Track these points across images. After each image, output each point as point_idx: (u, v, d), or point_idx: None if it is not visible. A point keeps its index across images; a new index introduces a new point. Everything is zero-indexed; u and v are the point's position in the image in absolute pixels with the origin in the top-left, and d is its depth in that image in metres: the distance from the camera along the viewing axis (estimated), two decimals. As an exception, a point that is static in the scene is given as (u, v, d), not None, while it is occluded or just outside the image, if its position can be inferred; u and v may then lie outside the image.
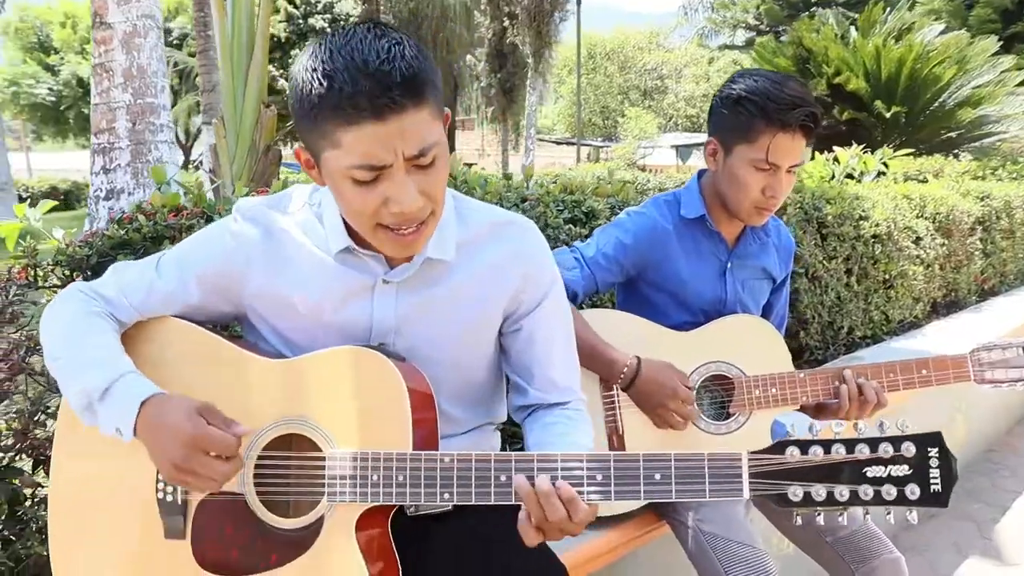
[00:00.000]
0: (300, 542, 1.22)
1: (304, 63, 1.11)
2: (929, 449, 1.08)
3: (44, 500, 1.56)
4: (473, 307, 1.36)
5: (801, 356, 3.55)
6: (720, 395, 1.91)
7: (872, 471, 1.08)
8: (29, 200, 2.27)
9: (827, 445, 1.10)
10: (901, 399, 3.01)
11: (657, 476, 1.14)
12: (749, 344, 1.90)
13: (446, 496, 1.18)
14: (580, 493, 1.16)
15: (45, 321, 1.32)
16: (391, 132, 1.09)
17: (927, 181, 6.08)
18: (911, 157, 7.52)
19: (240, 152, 4.07)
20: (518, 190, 2.68)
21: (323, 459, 1.22)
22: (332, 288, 1.31)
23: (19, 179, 19.73)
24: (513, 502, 1.18)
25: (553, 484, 1.16)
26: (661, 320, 1.93)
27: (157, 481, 1.27)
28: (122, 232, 1.81)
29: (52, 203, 2.14)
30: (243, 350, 1.31)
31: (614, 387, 1.84)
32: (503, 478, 1.17)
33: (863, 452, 1.09)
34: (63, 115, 30.70)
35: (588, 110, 42.61)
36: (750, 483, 1.11)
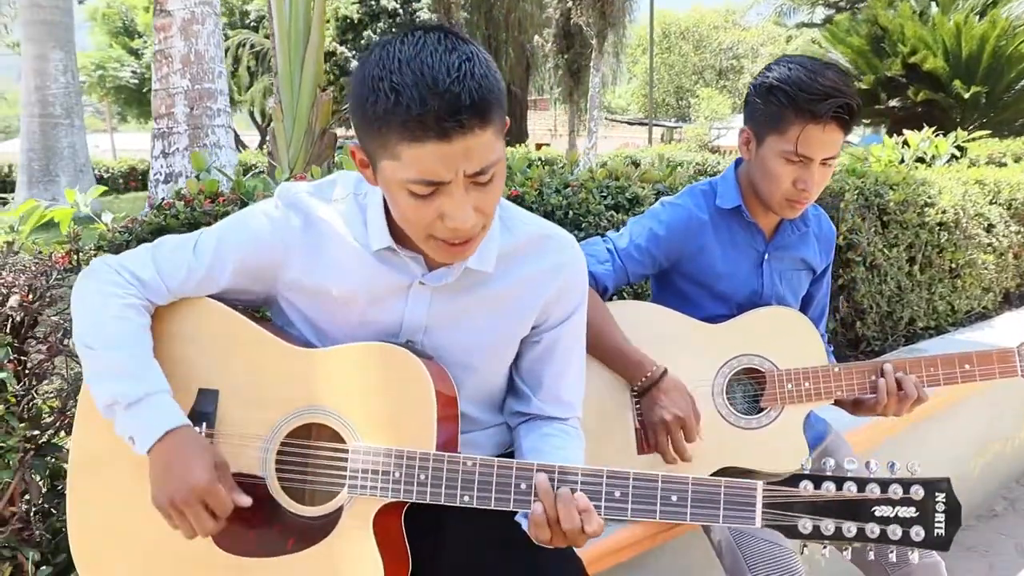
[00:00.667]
0: (318, 530, 1.24)
1: (370, 70, 1.10)
2: (937, 494, 1.11)
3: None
4: (506, 318, 1.37)
5: (857, 347, 3.45)
6: (753, 388, 1.86)
7: (880, 510, 1.11)
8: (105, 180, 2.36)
9: (839, 482, 1.12)
10: (949, 401, 2.90)
11: (674, 498, 1.15)
12: (782, 337, 1.84)
13: (466, 499, 1.20)
14: (596, 507, 1.17)
15: (77, 299, 1.32)
16: (455, 152, 1.08)
17: (1005, 165, 5.78)
18: (990, 140, 7.17)
19: (297, 135, 4.15)
20: (561, 175, 2.66)
21: (346, 451, 1.23)
22: (368, 283, 1.32)
23: (103, 160, 20.54)
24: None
25: (572, 493, 1.16)
26: (695, 312, 1.89)
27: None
28: (160, 218, 1.87)
29: (101, 188, 2.21)
30: (272, 335, 1.33)
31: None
32: (523, 486, 1.19)
33: (873, 491, 1.11)
34: (145, 97, 31.82)
35: (661, 90, 41.93)
36: (763, 513, 1.13)
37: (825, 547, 1.13)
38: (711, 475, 1.78)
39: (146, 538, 1.29)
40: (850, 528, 1.10)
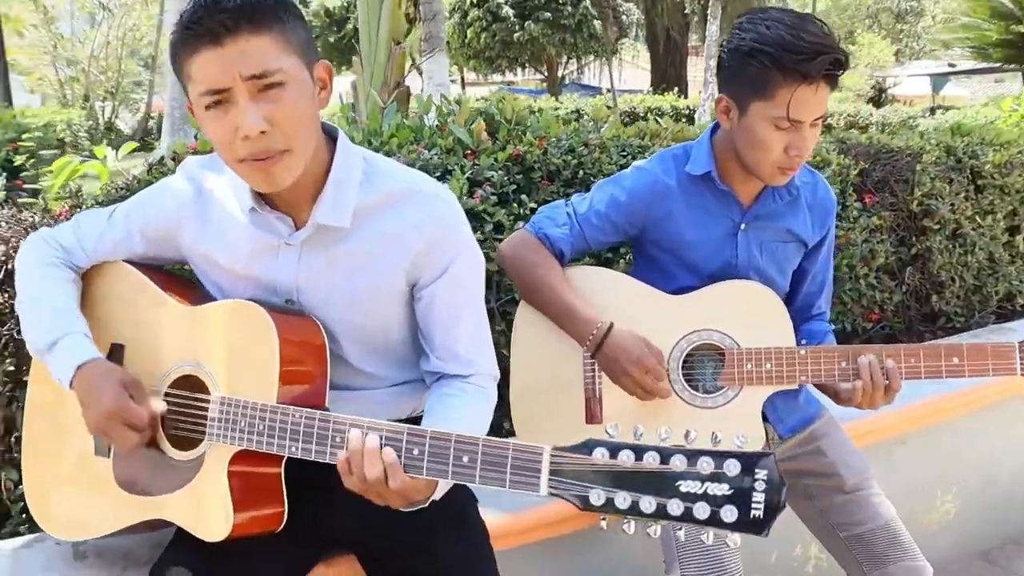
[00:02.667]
0: (188, 473, 1.31)
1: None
2: (757, 471, 0.97)
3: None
4: (370, 272, 1.37)
5: (935, 322, 3.14)
6: (716, 366, 1.76)
7: (686, 485, 0.98)
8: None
9: (639, 451, 1.01)
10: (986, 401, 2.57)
11: (465, 459, 1.11)
12: (747, 313, 1.72)
13: (294, 449, 1.22)
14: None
15: (17, 266, 1.48)
16: (228, 54, 1.16)
17: None
18: None
19: (374, 87, 4.24)
20: (587, 131, 2.56)
21: (207, 401, 1.30)
22: (246, 246, 1.38)
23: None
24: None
25: (379, 448, 1.15)
26: (666, 283, 1.80)
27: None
28: (154, 177, 1.98)
29: (133, 145, 2.34)
30: (167, 295, 1.41)
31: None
32: (339, 438, 1.19)
33: (678, 464, 0.99)
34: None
35: (829, 35, 38.85)
36: (549, 480, 1.05)
37: (628, 522, 1.02)
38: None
39: (67, 475, 1.44)
40: (649, 503, 0.99)
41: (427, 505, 1.24)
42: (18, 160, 2.11)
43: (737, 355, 1.69)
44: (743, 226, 1.76)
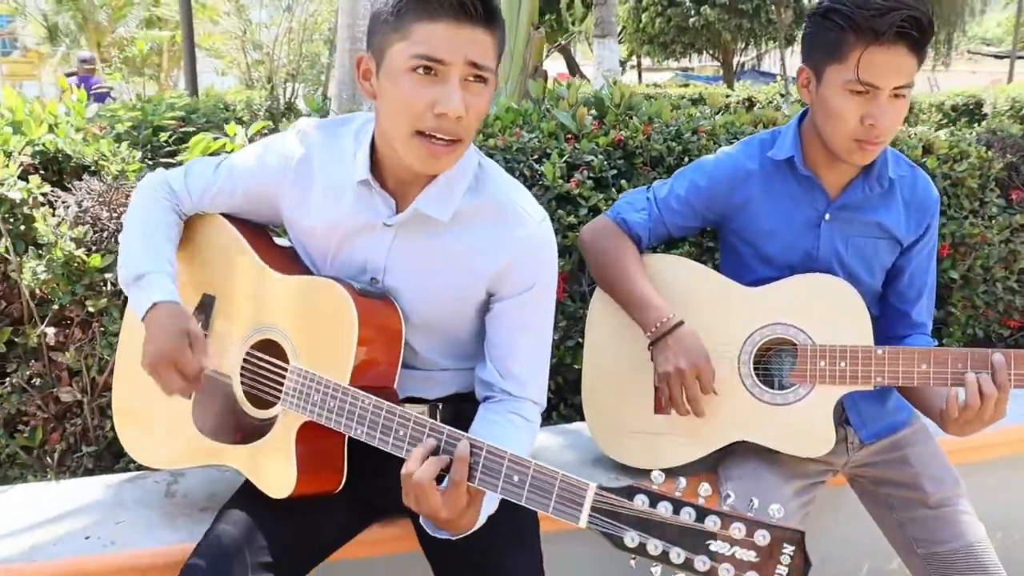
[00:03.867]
0: (259, 430, 1.43)
1: None
2: (785, 545, 1.00)
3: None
4: (454, 272, 1.42)
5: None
6: (792, 362, 1.69)
7: (716, 545, 1.02)
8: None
9: (677, 506, 1.05)
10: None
11: (515, 478, 1.16)
12: (824, 308, 1.64)
13: (359, 432, 1.29)
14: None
15: (131, 200, 1.58)
16: (463, 35, 1.23)
17: None
18: None
19: (513, 72, 4.32)
20: (694, 117, 2.51)
21: (286, 369, 1.39)
22: (344, 220, 1.44)
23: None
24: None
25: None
26: (745, 275, 1.76)
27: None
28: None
29: (263, 123, 2.53)
30: (261, 258, 1.50)
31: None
32: (402, 432, 1.24)
33: (712, 524, 1.03)
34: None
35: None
36: (590, 515, 1.09)
37: (656, 565, 1.06)
38: (723, 448, 1.70)
39: (150, 410, 1.58)
40: (679, 554, 1.03)
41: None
42: (163, 136, 2.33)
43: (811, 351, 1.63)
44: (827, 216, 1.69)
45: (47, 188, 1.94)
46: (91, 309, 1.87)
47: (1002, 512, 2.24)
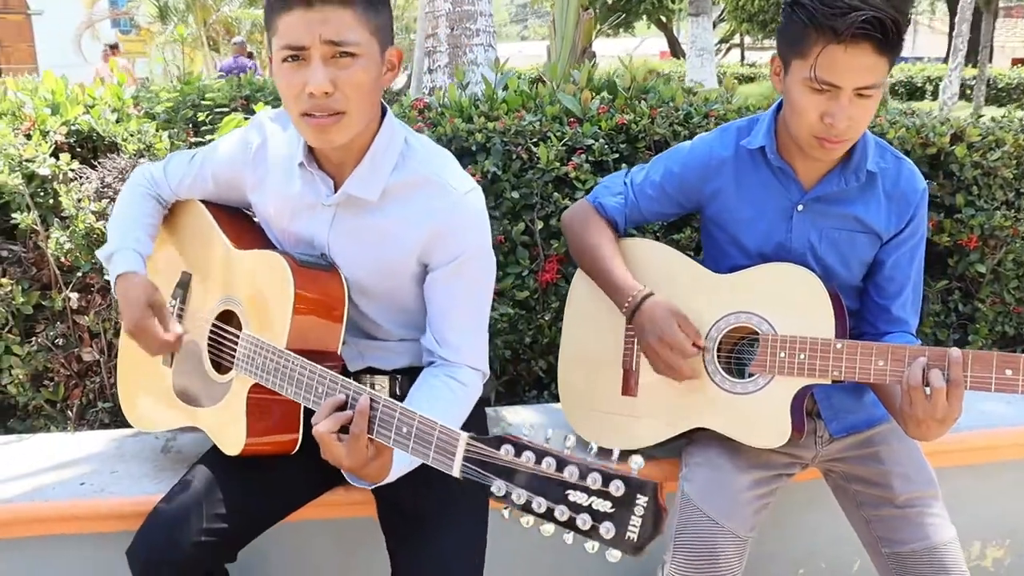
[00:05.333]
0: (220, 393, 1.55)
1: None
2: (639, 496, 1.00)
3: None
4: (388, 247, 1.50)
5: None
6: (755, 351, 1.68)
7: (574, 495, 1.02)
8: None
9: (540, 455, 1.06)
10: None
11: (404, 430, 1.21)
12: (788, 298, 1.62)
13: (290, 392, 1.38)
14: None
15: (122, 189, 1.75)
16: (314, 17, 1.30)
17: None
18: None
19: (563, 53, 4.32)
20: (709, 101, 2.48)
21: (238, 336, 1.50)
22: (290, 200, 1.56)
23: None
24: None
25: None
26: (722, 263, 1.75)
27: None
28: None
29: None
30: (225, 236, 1.62)
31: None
32: (320, 390, 1.32)
33: (571, 474, 1.03)
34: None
35: None
36: (462, 464, 1.13)
37: (523, 515, 1.06)
38: (682, 434, 1.71)
39: (143, 379, 1.74)
40: (540, 504, 1.04)
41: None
42: (200, 116, 2.48)
43: (772, 341, 1.61)
44: (800, 207, 1.66)
45: (75, 165, 2.10)
46: (108, 277, 2.02)
47: (1014, 518, 2.15)
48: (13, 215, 2.01)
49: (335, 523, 1.75)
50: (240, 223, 1.70)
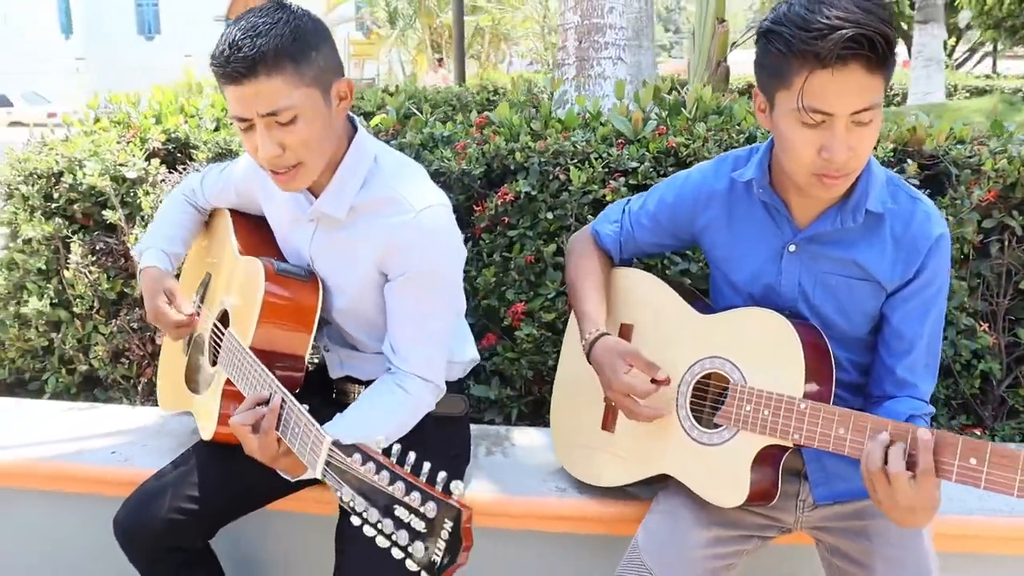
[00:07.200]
0: (208, 382, 1.70)
1: None
2: (446, 520, 1.01)
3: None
4: (357, 261, 1.58)
5: None
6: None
7: (399, 511, 1.05)
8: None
9: (379, 467, 1.08)
10: None
11: (297, 429, 1.29)
12: (761, 346, 1.49)
13: (242, 386, 1.50)
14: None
15: None
16: (247, 94, 1.38)
17: None
18: None
19: (700, 65, 4.18)
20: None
21: (224, 332, 1.64)
22: (283, 214, 1.69)
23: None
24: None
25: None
26: (717, 300, 1.67)
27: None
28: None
29: (382, 119, 2.79)
30: (234, 241, 1.76)
31: None
32: (258, 387, 1.44)
33: (398, 490, 1.05)
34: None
35: None
36: (324, 467, 1.18)
37: (363, 524, 1.08)
38: (647, 479, 1.63)
39: (168, 367, 1.95)
40: (372, 514, 1.06)
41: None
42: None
43: (740, 392, 1.49)
44: (792, 247, 1.52)
45: (163, 169, 2.37)
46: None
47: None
48: (102, 213, 2.30)
49: (315, 519, 1.85)
50: (255, 231, 1.82)
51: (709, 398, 1.58)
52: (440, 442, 1.68)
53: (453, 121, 2.49)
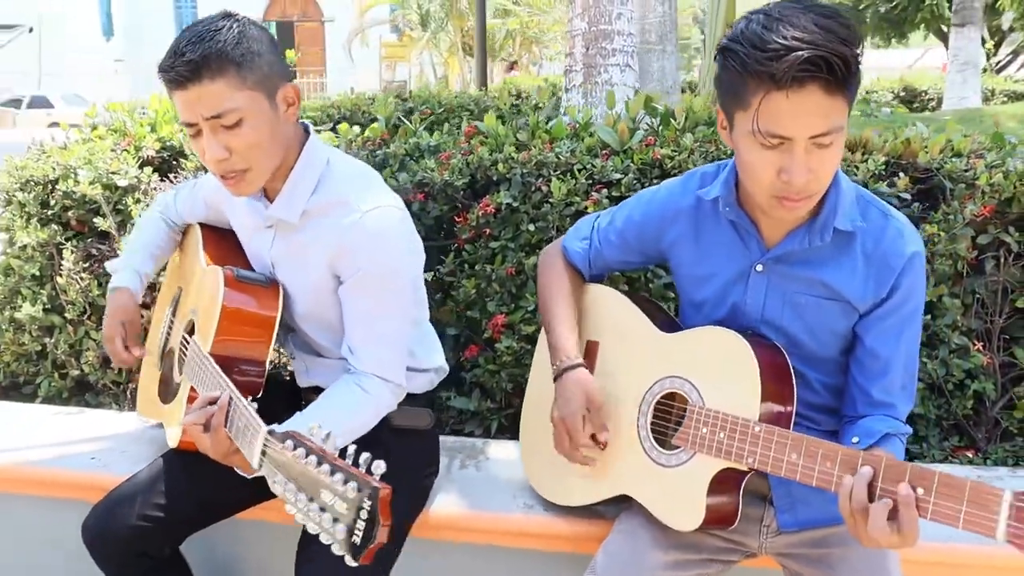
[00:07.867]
0: (176, 391, 1.72)
1: None
2: (365, 500, 1.00)
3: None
4: (312, 264, 1.59)
5: None
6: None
7: (325, 494, 1.04)
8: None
9: (308, 451, 1.08)
10: None
11: (241, 424, 1.31)
12: (718, 366, 1.47)
13: (201, 391, 1.51)
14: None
15: None
16: (191, 98, 1.42)
17: None
18: None
19: (711, 71, 4.14)
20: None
21: (189, 342, 1.67)
22: (246, 223, 1.72)
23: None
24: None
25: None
26: (685, 320, 1.64)
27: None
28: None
29: (374, 128, 2.80)
30: (202, 254, 1.78)
31: None
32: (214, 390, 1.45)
33: (323, 474, 1.04)
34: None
35: None
36: (260, 458, 1.19)
37: (295, 512, 1.08)
38: (607, 500, 1.61)
39: (147, 381, 1.97)
40: (299, 498, 1.06)
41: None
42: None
43: (696, 414, 1.47)
44: (759, 267, 1.49)
45: (156, 178, 2.40)
46: (161, 279, 2.29)
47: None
48: (95, 220, 2.34)
49: (285, 527, 1.85)
50: (223, 242, 1.85)
51: (673, 418, 1.56)
52: (404, 455, 1.68)
53: (440, 131, 2.49)
